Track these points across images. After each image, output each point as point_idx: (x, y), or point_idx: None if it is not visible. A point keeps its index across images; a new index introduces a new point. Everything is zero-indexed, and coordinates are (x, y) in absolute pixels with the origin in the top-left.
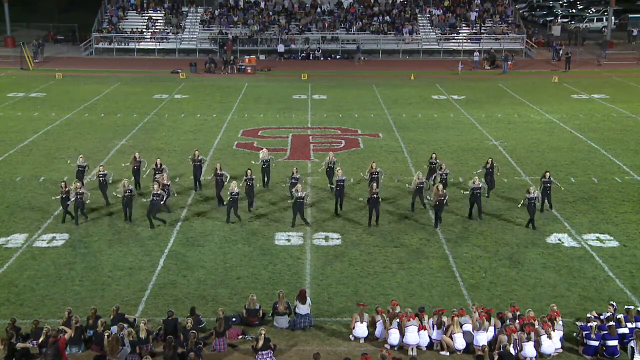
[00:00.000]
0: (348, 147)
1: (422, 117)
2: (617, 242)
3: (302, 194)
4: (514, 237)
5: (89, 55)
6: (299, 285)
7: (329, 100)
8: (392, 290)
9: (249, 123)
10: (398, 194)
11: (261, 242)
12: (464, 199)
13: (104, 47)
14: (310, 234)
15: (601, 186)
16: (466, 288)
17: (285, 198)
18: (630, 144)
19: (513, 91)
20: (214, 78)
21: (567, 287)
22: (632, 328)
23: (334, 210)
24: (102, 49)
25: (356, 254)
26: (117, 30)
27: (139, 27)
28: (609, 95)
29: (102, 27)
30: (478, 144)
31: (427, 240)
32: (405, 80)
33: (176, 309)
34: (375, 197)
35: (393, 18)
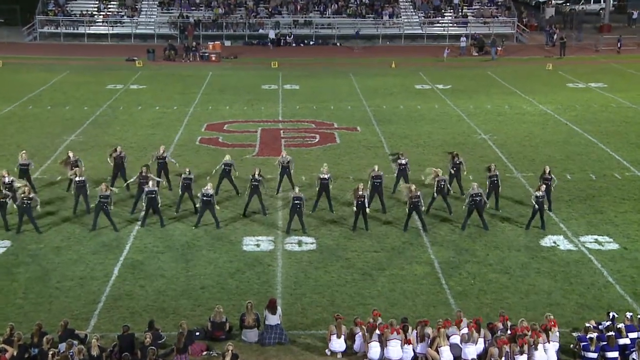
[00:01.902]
0: (323, 142)
1: (404, 108)
2: (617, 245)
3: (301, 194)
4: (505, 239)
5: (32, 40)
6: (270, 295)
7: (302, 90)
8: (372, 299)
9: (213, 116)
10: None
11: (228, 247)
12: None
13: (50, 31)
14: (282, 238)
15: (599, 183)
16: (453, 296)
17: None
18: (631, 137)
19: (503, 80)
20: (174, 66)
21: (563, 294)
22: (634, 339)
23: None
24: (48, 33)
25: (332, 260)
26: (65, 13)
27: (89, 10)
28: (607, 83)
29: (47, 9)
30: (465, 138)
31: (411, 244)
32: (386, 69)
33: (133, 323)
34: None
35: (372, 0)
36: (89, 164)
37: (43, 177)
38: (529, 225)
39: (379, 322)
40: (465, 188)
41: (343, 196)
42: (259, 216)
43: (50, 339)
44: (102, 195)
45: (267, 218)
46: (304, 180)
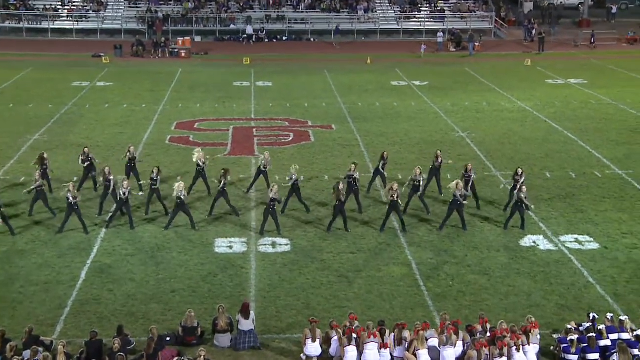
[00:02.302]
0: (297, 140)
1: (380, 106)
2: (597, 244)
3: (277, 196)
4: (484, 240)
5: None
6: (243, 299)
7: (275, 87)
8: (349, 302)
9: (183, 114)
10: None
11: (199, 250)
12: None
13: (12, 26)
14: (256, 239)
15: (579, 182)
16: (431, 298)
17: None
18: (611, 135)
19: (481, 76)
20: (143, 63)
21: (543, 295)
22: (615, 340)
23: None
24: (10, 28)
25: (307, 262)
26: (27, 7)
27: (53, 4)
28: (587, 80)
29: (8, 3)
30: (443, 136)
31: (388, 245)
32: (361, 65)
33: (101, 329)
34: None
35: None
36: (55, 164)
37: (6, 177)
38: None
39: (356, 325)
40: (444, 187)
41: (318, 196)
42: (232, 217)
43: (14, 346)
44: (72, 197)
45: (240, 219)
46: (278, 179)
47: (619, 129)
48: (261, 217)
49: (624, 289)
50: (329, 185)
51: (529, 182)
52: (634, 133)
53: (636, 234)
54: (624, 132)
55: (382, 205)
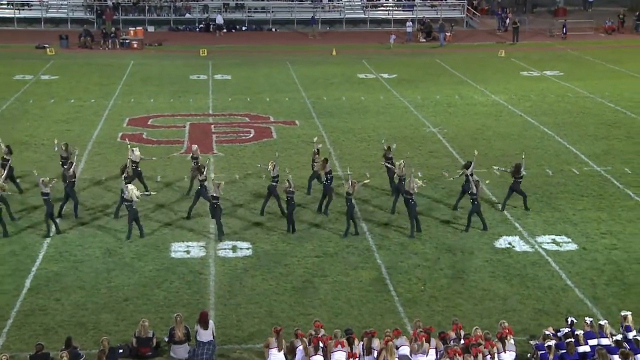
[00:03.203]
0: (258, 137)
1: (346, 100)
2: (575, 245)
3: (217, 194)
4: (457, 242)
5: None
6: (201, 307)
7: (235, 81)
8: (315, 309)
9: (136, 110)
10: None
11: (154, 255)
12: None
13: None
14: (214, 243)
15: (556, 179)
16: (402, 304)
17: (183, 200)
18: (589, 129)
19: (453, 68)
20: (91, 54)
21: (519, 299)
22: (594, 346)
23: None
24: None
25: (270, 267)
26: None
27: None
28: (564, 71)
29: None
30: (413, 132)
31: (355, 248)
32: (326, 56)
33: (47, 341)
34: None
35: None
36: None
37: None
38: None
39: (322, 333)
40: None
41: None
42: (189, 220)
43: None
44: (43, 192)
45: (198, 222)
46: (238, 178)
47: (597, 124)
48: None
49: (603, 292)
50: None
51: (503, 180)
52: (612, 127)
53: (615, 234)
54: (602, 126)
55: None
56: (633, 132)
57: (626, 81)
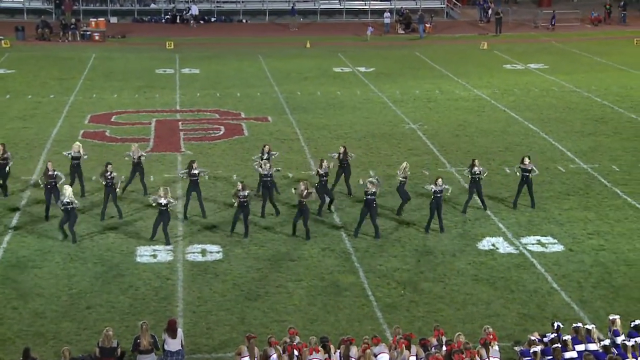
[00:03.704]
0: (229, 134)
1: (321, 95)
2: (561, 246)
3: (167, 201)
4: (439, 243)
5: None
6: (169, 314)
7: (203, 75)
8: (289, 315)
9: (98, 106)
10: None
11: (118, 259)
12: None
13: None
14: (183, 247)
15: (541, 177)
16: (381, 309)
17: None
18: (575, 125)
19: (433, 61)
20: (50, 47)
21: (503, 303)
22: (582, 351)
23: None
24: None
25: (242, 271)
26: None
27: None
28: (549, 64)
29: None
30: (392, 128)
31: (332, 251)
32: (300, 49)
33: (3, 353)
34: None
35: None
36: None
37: None
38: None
39: (297, 341)
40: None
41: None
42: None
43: None
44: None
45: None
46: (208, 179)
47: (584, 119)
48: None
49: (591, 295)
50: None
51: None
52: (599, 123)
53: (603, 234)
54: (588, 122)
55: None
56: (621, 127)
57: (613, 74)
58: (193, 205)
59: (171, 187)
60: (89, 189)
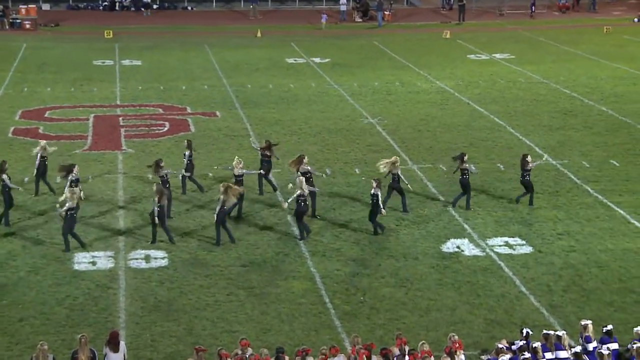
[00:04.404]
0: (174, 131)
1: (273, 88)
2: (530, 248)
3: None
4: (400, 246)
5: None
6: (110, 326)
7: (145, 67)
8: (240, 325)
9: (30, 101)
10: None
11: (54, 267)
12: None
13: None
14: (125, 253)
15: (508, 174)
16: (339, 317)
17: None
18: (543, 119)
19: (393, 51)
20: None
21: (469, 309)
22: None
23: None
24: None
25: (190, 279)
26: None
27: None
28: (515, 54)
29: None
30: (349, 123)
31: (286, 255)
32: (250, 39)
33: None
34: None
35: None
36: None
37: None
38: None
39: (249, 353)
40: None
41: (201, 198)
42: (94, 226)
43: None
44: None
45: (105, 227)
46: (151, 178)
47: (552, 112)
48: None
49: (561, 299)
50: (214, 185)
51: (453, 177)
52: (568, 116)
53: (573, 235)
54: (557, 115)
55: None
56: (591, 121)
57: (582, 64)
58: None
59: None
60: (23, 191)
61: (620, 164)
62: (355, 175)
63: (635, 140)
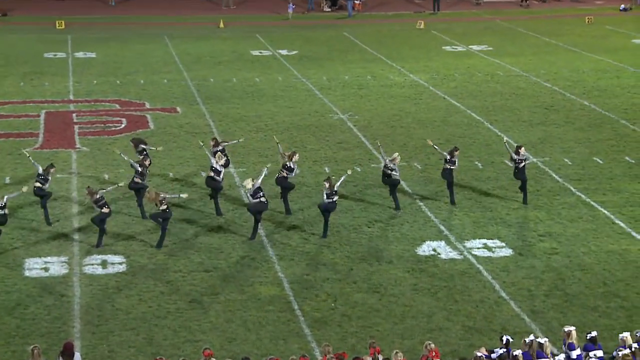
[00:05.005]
0: (131, 128)
1: (237, 82)
2: (510, 250)
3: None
4: (373, 248)
5: None
6: (64, 336)
7: (101, 59)
8: (204, 334)
9: None
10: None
11: (3, 273)
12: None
13: None
14: (80, 258)
15: (487, 173)
16: (309, 325)
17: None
18: (523, 114)
19: (364, 43)
20: None
21: (446, 315)
22: None
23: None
24: None
25: (149, 285)
26: None
27: None
28: (493, 46)
29: None
30: (318, 119)
31: (252, 260)
32: (212, 29)
33: None
34: None
35: None
36: None
37: None
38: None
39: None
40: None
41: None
42: (46, 229)
43: None
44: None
45: (58, 231)
46: (107, 178)
47: (532, 107)
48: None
49: (543, 304)
50: (175, 186)
51: (428, 175)
52: (549, 111)
53: (555, 236)
54: (537, 110)
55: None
56: (572, 116)
57: (563, 57)
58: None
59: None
60: None
61: (604, 161)
62: (325, 175)
63: (619, 136)
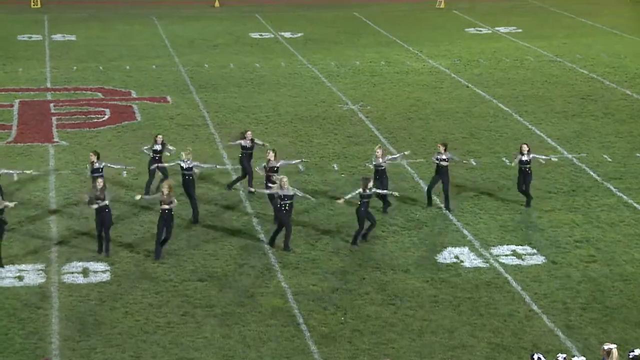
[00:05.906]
0: (116, 120)
1: (235, 68)
2: (542, 257)
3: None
4: (387, 256)
5: None
6: (41, 353)
7: (81, 42)
8: (197, 351)
9: None
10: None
11: None
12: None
13: None
14: (59, 265)
15: (515, 171)
16: (315, 341)
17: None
18: (556, 104)
19: (377, 24)
20: None
21: (470, 331)
22: None
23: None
24: None
25: (137, 295)
26: None
27: None
28: (522, 27)
29: None
30: (326, 110)
31: (252, 267)
32: (205, 9)
33: None
34: None
35: None
36: None
37: None
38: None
39: None
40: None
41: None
42: (20, 234)
43: None
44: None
45: (34, 235)
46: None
47: (567, 97)
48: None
49: (579, 319)
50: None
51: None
52: (586, 101)
53: (594, 242)
54: (573, 100)
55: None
56: (612, 107)
57: (602, 40)
58: None
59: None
60: None
61: None
62: (333, 172)
63: None
